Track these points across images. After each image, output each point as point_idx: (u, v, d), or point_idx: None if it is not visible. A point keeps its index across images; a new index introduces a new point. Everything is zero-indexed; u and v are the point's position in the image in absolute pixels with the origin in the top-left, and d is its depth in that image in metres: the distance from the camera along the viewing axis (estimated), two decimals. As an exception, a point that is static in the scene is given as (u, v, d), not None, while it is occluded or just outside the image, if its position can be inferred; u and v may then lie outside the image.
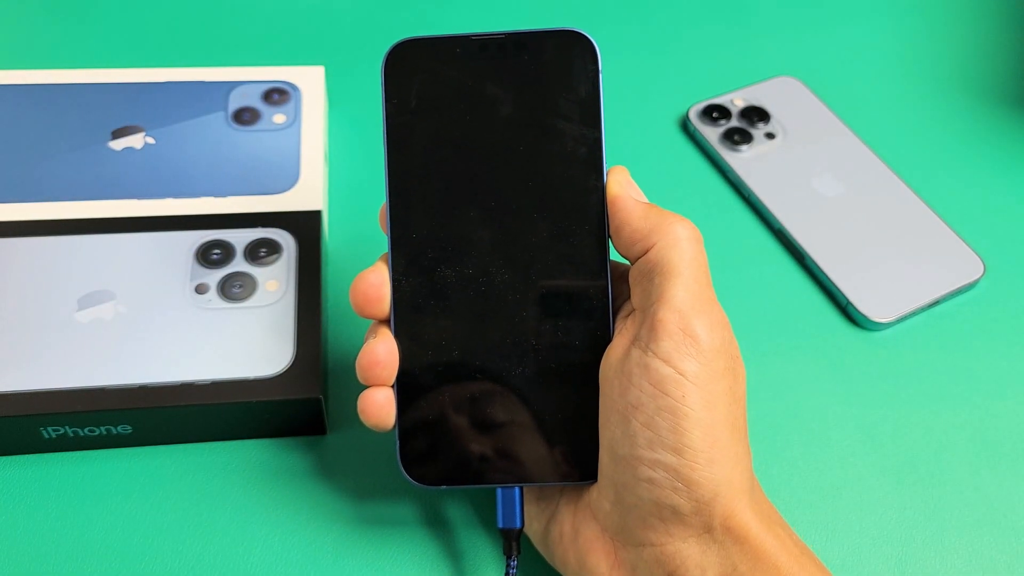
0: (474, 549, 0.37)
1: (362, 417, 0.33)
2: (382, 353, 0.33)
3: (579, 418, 0.33)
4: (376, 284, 0.33)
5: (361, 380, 0.33)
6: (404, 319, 0.33)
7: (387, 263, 0.34)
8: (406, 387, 0.33)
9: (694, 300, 0.31)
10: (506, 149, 0.33)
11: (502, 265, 0.33)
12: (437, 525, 0.38)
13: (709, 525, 0.30)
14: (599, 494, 0.32)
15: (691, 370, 0.30)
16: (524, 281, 0.33)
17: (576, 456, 0.33)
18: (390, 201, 0.33)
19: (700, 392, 0.30)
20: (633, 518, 0.31)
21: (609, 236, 0.33)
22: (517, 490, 0.34)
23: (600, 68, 0.33)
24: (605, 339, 0.33)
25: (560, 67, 0.33)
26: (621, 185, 0.33)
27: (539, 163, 0.33)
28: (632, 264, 0.32)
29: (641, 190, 0.33)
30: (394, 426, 0.34)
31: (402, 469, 0.34)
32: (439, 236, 0.33)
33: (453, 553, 0.37)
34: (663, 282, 0.31)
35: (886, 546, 0.38)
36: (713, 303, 0.31)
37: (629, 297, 0.33)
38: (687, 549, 0.30)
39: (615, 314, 0.33)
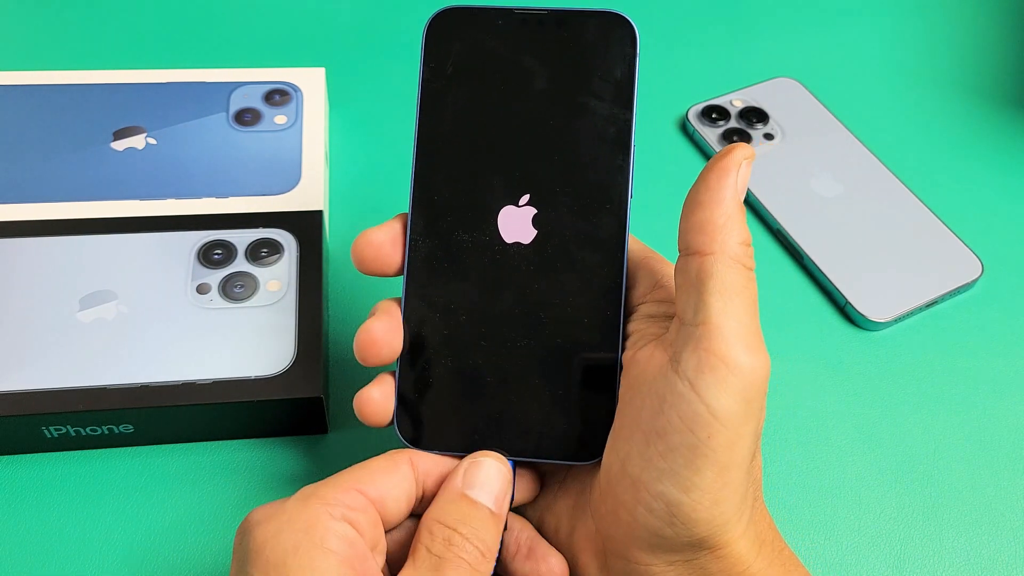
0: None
1: (359, 415, 0.33)
2: (379, 332, 0.32)
3: (582, 397, 0.33)
4: (382, 242, 0.33)
5: (358, 359, 0.33)
6: (417, 279, 0.33)
7: (403, 222, 0.34)
8: (411, 347, 0.33)
9: (746, 333, 0.29)
10: (536, 121, 0.34)
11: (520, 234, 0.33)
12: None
13: (697, 554, 0.30)
14: (601, 495, 0.32)
15: (724, 409, 0.28)
16: (540, 253, 0.33)
17: (572, 435, 0.33)
18: (416, 162, 0.34)
19: (727, 434, 0.29)
20: (623, 533, 0.31)
21: (629, 212, 0.33)
22: (510, 464, 0.34)
23: (638, 52, 0.33)
24: (615, 321, 0.33)
25: (599, 47, 0.33)
26: (737, 166, 0.30)
27: (568, 138, 0.33)
28: (683, 253, 0.30)
29: (743, 191, 0.31)
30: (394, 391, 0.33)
31: (396, 430, 0.33)
32: (461, 201, 0.33)
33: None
34: (715, 303, 0.29)
35: (884, 545, 0.39)
36: (761, 338, 0.30)
37: (653, 289, 0.32)
38: (670, 573, 0.30)
39: (642, 304, 0.33)
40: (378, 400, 0.33)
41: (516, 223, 0.33)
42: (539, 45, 0.34)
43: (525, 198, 0.33)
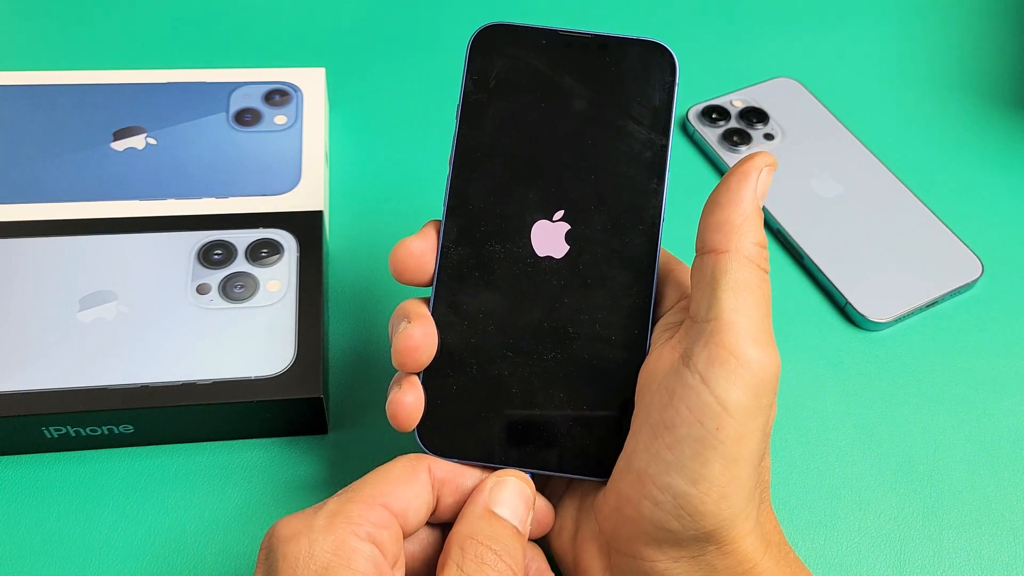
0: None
1: (392, 421, 0.32)
2: (419, 337, 0.32)
3: (602, 414, 0.33)
4: (423, 251, 0.33)
5: (396, 365, 0.32)
6: (447, 287, 0.34)
7: (436, 230, 0.34)
8: (437, 355, 0.33)
9: (756, 329, 0.29)
10: (574, 140, 0.34)
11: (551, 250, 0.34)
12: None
13: (704, 550, 0.30)
14: (605, 495, 0.32)
15: (733, 401, 0.29)
16: (571, 268, 0.34)
17: (593, 451, 0.33)
18: (453, 171, 0.34)
19: (735, 426, 0.29)
20: (628, 529, 0.31)
21: (661, 234, 0.33)
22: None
23: (677, 81, 0.34)
24: (642, 340, 0.33)
25: (640, 73, 0.34)
26: (757, 171, 0.31)
27: (604, 159, 0.34)
28: (699, 253, 0.31)
29: (763, 195, 0.31)
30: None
31: (417, 436, 0.33)
32: (494, 213, 0.34)
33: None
34: (728, 299, 0.29)
35: (884, 545, 0.39)
36: (772, 336, 0.30)
37: (678, 301, 0.33)
38: (676, 568, 0.30)
39: (663, 315, 0.33)
40: (411, 405, 0.32)
41: (549, 237, 0.34)
42: (582, 67, 0.34)
43: (559, 213, 0.34)
